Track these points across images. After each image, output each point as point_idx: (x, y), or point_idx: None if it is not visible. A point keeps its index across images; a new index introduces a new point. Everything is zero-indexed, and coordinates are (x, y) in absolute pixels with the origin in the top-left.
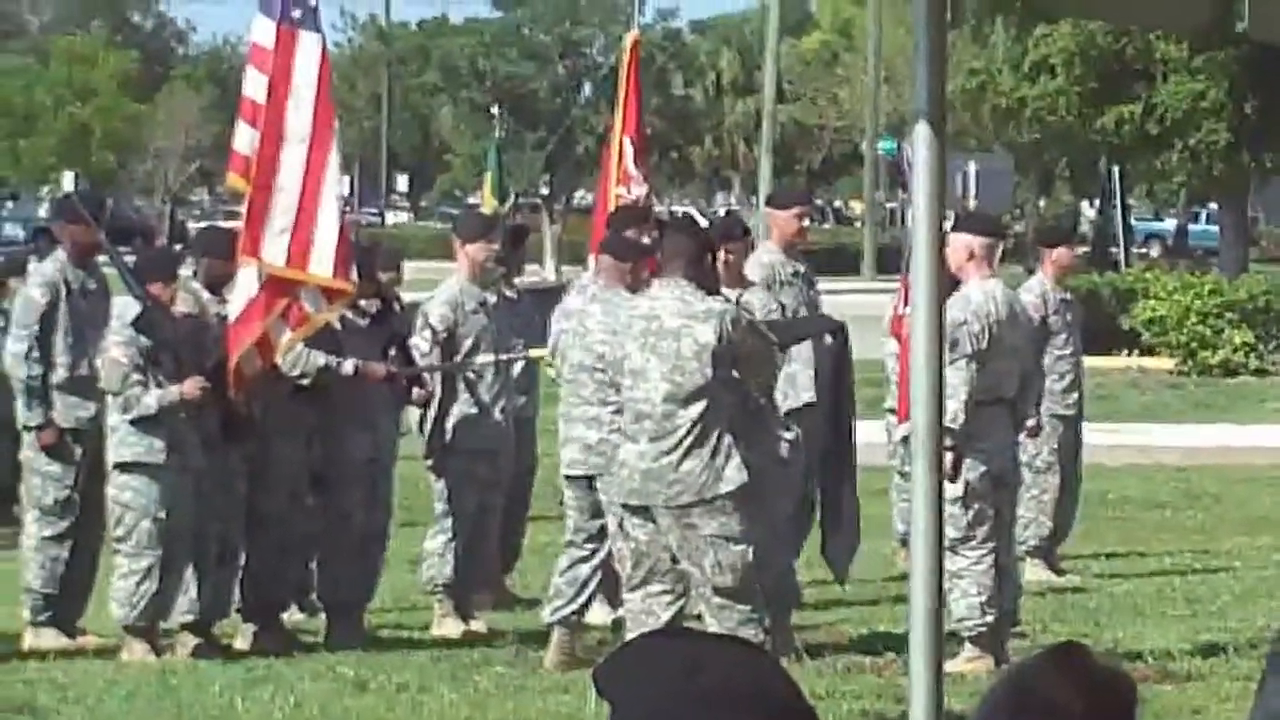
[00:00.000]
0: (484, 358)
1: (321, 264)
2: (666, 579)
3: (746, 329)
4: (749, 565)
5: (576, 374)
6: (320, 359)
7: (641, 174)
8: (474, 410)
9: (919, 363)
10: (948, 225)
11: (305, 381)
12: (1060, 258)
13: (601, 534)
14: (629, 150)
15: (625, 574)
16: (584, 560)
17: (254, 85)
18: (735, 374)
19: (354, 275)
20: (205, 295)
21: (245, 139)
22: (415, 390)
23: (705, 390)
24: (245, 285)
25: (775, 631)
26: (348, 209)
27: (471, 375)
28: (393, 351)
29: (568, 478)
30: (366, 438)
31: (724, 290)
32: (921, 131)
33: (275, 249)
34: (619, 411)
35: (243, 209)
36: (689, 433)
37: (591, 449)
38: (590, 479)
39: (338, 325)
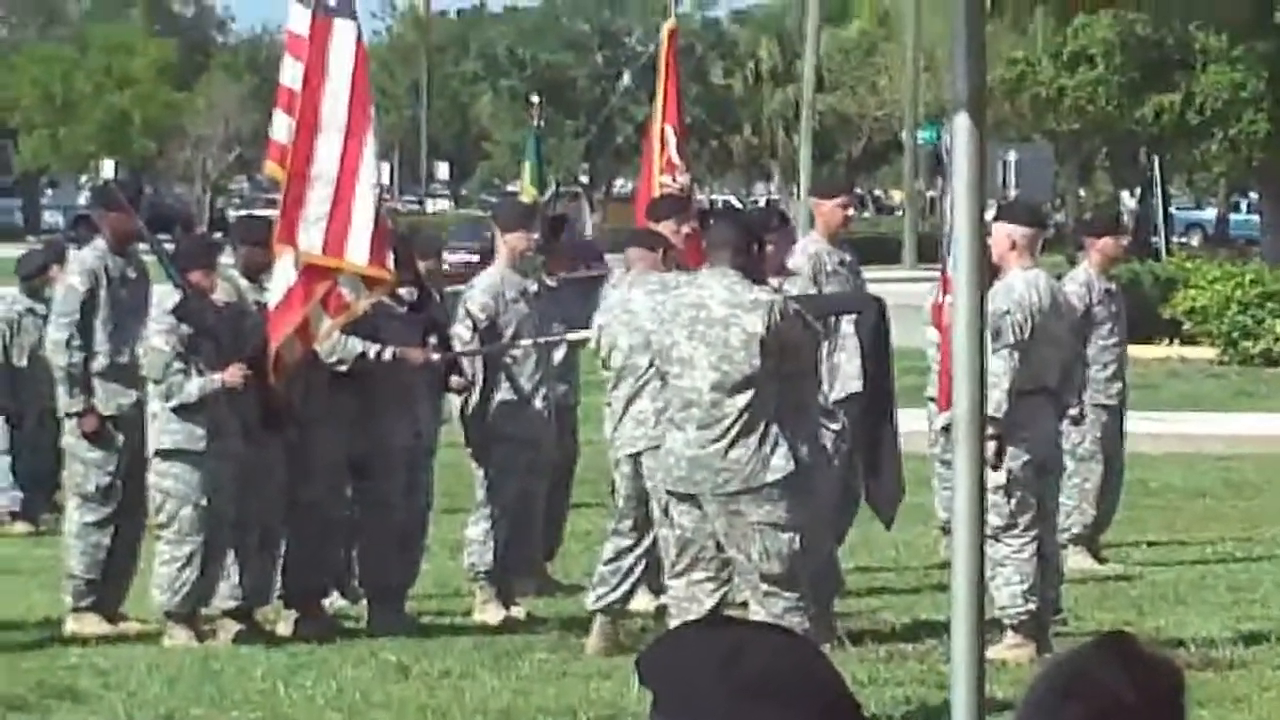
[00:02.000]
0: (525, 342)
1: (358, 252)
2: (710, 566)
3: (794, 319)
4: (796, 553)
5: (630, 357)
6: (358, 346)
7: (684, 163)
8: (514, 398)
9: (961, 351)
10: (989, 215)
11: (343, 369)
12: (1105, 247)
13: (647, 521)
14: (671, 139)
15: (669, 561)
16: (629, 549)
17: (291, 74)
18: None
19: (390, 263)
20: (244, 283)
21: (282, 127)
22: (454, 378)
23: (753, 380)
24: (284, 273)
25: (818, 619)
26: (387, 196)
27: (511, 362)
28: (432, 339)
29: (620, 460)
30: (406, 425)
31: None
32: (961, 122)
33: (311, 237)
34: None
35: (279, 197)
36: (736, 421)
37: (645, 424)
38: (638, 463)
39: (371, 312)
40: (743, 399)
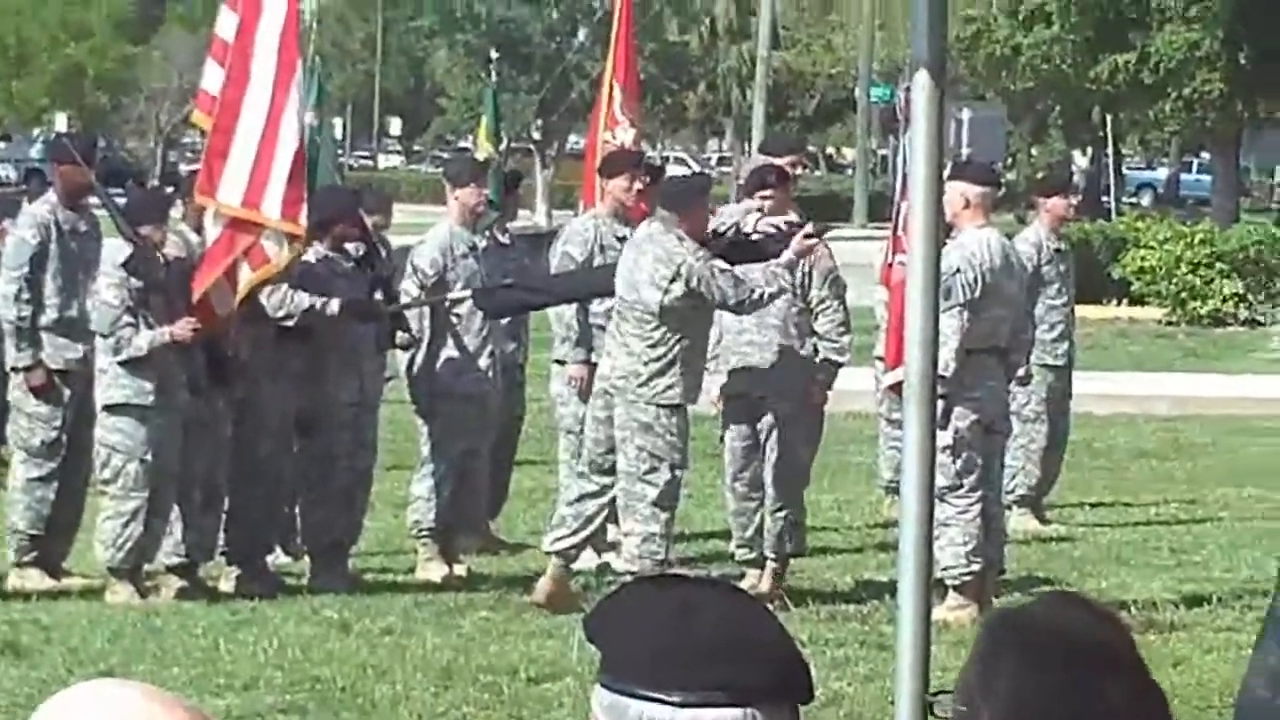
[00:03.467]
0: (464, 292)
1: (271, 206)
2: None
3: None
4: None
5: (620, 300)
6: (305, 300)
7: (629, 119)
8: (461, 355)
9: (915, 310)
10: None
11: (290, 323)
12: (1056, 207)
13: (614, 470)
14: (617, 95)
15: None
16: (593, 495)
17: (225, 24)
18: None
19: (303, 218)
20: (194, 238)
21: (214, 78)
22: (399, 334)
23: None
24: (209, 224)
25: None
26: (339, 152)
27: (457, 320)
28: (379, 294)
29: (595, 404)
30: (352, 381)
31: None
32: (922, 80)
33: (231, 190)
34: (653, 345)
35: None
36: None
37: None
38: (611, 406)
39: (318, 268)
40: None
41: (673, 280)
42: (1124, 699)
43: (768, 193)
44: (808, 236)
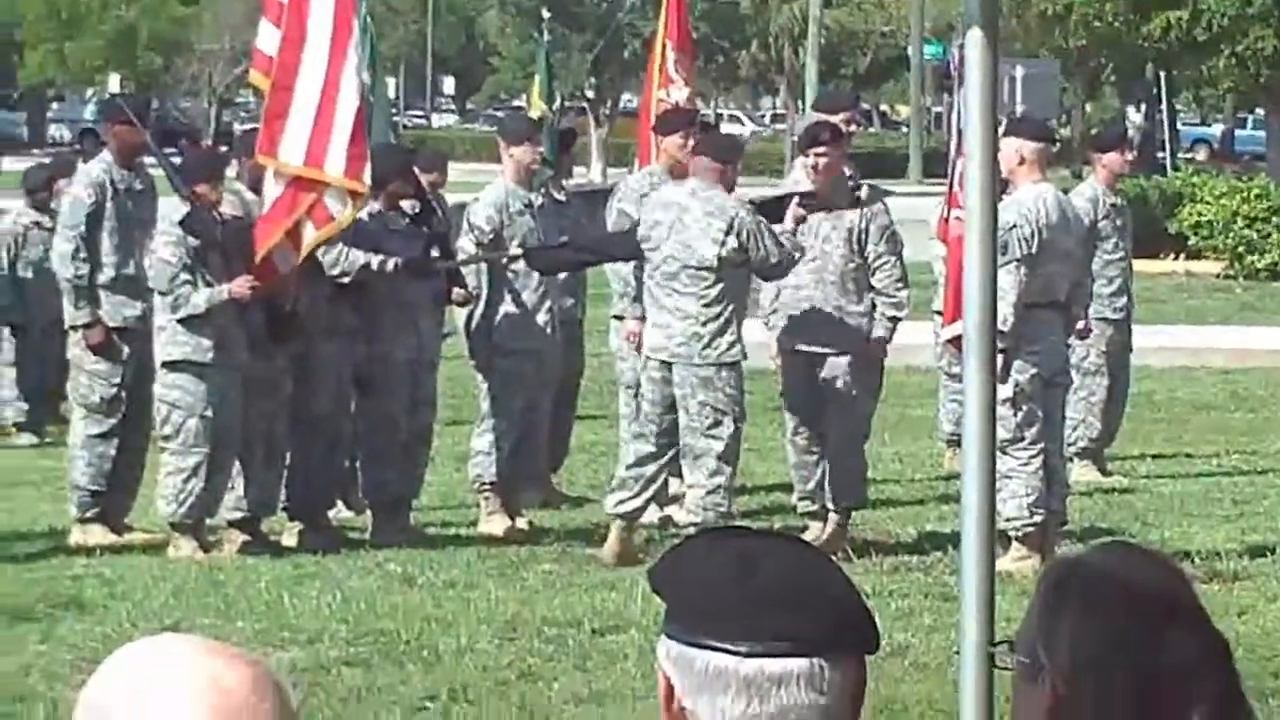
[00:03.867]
0: (517, 251)
1: (334, 164)
2: None
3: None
4: None
5: (665, 263)
6: (361, 257)
7: (683, 77)
8: (519, 311)
9: (972, 264)
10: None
11: (346, 280)
12: (1112, 163)
13: (673, 429)
14: (670, 54)
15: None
16: (652, 457)
17: None
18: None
19: (366, 176)
20: (249, 196)
21: (270, 38)
22: (457, 290)
23: None
24: (269, 183)
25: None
26: (393, 111)
27: (515, 276)
28: (435, 252)
29: (649, 365)
30: (409, 338)
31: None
32: (974, 36)
33: (292, 149)
34: (709, 304)
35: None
36: None
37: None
38: (668, 368)
39: (373, 226)
40: None
41: (727, 233)
42: (1187, 647)
43: (822, 149)
44: (800, 204)
